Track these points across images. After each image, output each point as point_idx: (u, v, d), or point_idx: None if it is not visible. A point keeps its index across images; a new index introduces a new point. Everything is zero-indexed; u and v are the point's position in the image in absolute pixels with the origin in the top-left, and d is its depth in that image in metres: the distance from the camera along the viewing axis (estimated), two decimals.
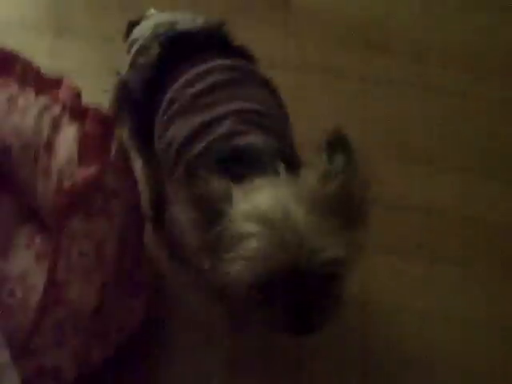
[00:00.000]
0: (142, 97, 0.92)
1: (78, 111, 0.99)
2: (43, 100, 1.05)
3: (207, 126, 0.84)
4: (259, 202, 0.72)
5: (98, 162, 0.89)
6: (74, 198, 0.87)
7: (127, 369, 1.00)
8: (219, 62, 0.89)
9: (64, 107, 1.01)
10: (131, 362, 1.02)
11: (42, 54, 1.16)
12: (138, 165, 1.05)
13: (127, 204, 0.93)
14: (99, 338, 0.92)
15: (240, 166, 0.77)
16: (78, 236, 0.88)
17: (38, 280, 0.94)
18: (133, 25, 1.02)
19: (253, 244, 0.70)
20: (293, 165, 0.76)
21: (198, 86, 0.87)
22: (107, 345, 0.95)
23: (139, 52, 0.95)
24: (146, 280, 0.98)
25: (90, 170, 0.88)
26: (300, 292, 0.73)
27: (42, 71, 1.09)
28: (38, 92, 1.07)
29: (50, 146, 0.99)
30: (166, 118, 0.89)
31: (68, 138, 0.97)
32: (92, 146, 0.91)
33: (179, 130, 0.86)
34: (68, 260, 0.87)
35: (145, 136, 0.93)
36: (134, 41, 0.97)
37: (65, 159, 0.95)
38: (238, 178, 0.75)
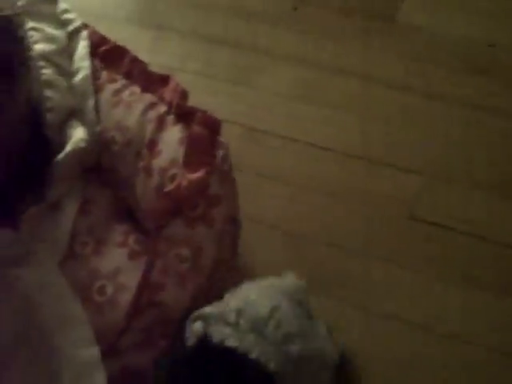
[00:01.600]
0: None
1: (183, 112, 1.05)
2: (148, 97, 1.12)
3: None
4: None
5: (204, 166, 0.96)
6: (177, 201, 0.94)
7: None
8: None
9: (169, 107, 1.08)
10: None
11: (143, 50, 1.23)
12: None
13: (227, 212, 1.00)
14: None
15: None
16: (176, 240, 0.94)
17: (130, 279, 1.00)
18: None
19: None
20: None
21: None
22: None
23: None
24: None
25: (195, 175, 0.94)
26: None
27: (149, 69, 1.15)
28: (144, 88, 1.15)
29: (153, 145, 1.06)
30: None
31: (172, 138, 1.04)
32: (198, 150, 0.98)
33: None
34: (164, 263, 0.94)
35: None
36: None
37: (168, 160, 1.02)
38: None
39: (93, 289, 1.02)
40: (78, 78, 1.21)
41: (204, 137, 1.00)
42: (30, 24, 1.16)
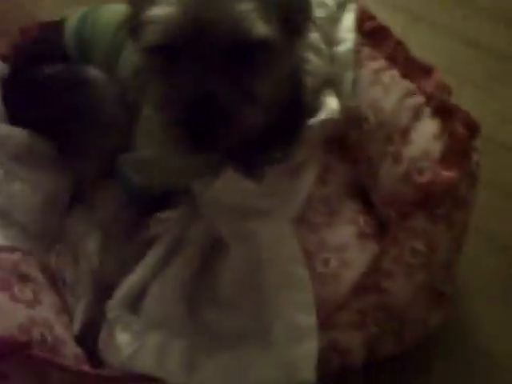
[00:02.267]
0: None
1: (443, 108, 1.06)
2: (407, 84, 1.14)
3: None
4: None
5: (459, 167, 0.97)
6: (427, 195, 0.97)
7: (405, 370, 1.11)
8: None
9: (429, 99, 1.09)
10: (408, 368, 1.12)
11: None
12: None
13: (467, 217, 1.02)
14: (394, 334, 1.03)
15: None
16: (415, 232, 0.97)
17: (355, 258, 1.05)
18: None
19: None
20: None
21: None
22: (398, 343, 1.05)
23: None
24: (450, 293, 1.06)
25: (449, 174, 0.97)
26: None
27: (413, 56, 1.16)
28: (404, 74, 1.16)
29: (406, 133, 1.08)
30: None
31: (427, 131, 1.06)
32: (456, 150, 1.00)
33: None
34: (399, 252, 0.97)
35: None
36: None
37: (419, 151, 1.04)
38: None
39: (317, 258, 1.07)
40: (341, 48, 1.25)
41: (464, 137, 1.00)
42: None
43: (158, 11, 0.86)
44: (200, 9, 0.84)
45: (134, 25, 0.97)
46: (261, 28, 0.85)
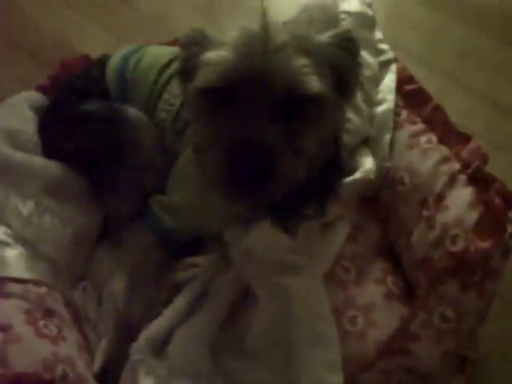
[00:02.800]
0: None
1: (479, 177, 1.10)
2: (444, 150, 1.18)
3: None
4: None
5: (494, 238, 1.00)
6: (459, 263, 1.01)
7: None
8: None
9: (464, 166, 1.13)
10: None
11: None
12: None
13: (497, 285, 1.05)
14: None
15: None
16: (445, 299, 0.99)
17: (382, 319, 1.08)
18: None
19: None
20: None
21: None
22: None
23: None
24: (473, 358, 1.09)
25: (484, 244, 1.00)
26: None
27: (451, 121, 1.20)
28: (441, 139, 1.21)
29: (440, 198, 1.11)
30: None
31: (462, 199, 1.09)
32: (491, 220, 1.03)
33: None
34: (428, 316, 0.99)
35: None
36: None
37: (453, 218, 1.08)
38: None
39: (345, 316, 1.10)
40: (381, 108, 1.30)
41: (500, 208, 1.02)
42: None
43: (215, 54, 0.91)
44: (256, 56, 0.88)
45: (184, 67, 1.01)
46: (315, 83, 0.89)
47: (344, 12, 1.35)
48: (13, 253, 1.15)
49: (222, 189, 0.89)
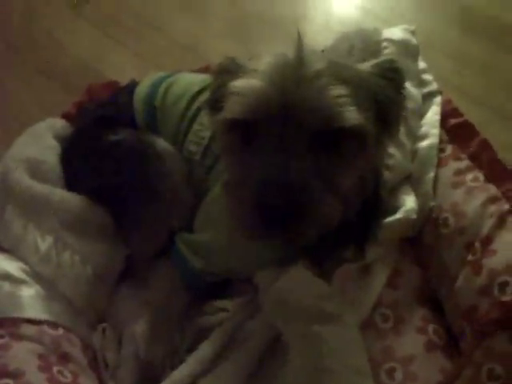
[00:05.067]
0: None
1: None
2: (492, 189, 1.14)
3: None
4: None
5: None
6: (509, 314, 0.97)
7: None
8: None
9: None
10: None
11: None
12: None
13: None
14: None
15: None
16: (495, 354, 0.95)
17: (423, 371, 1.04)
18: None
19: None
20: None
21: None
22: None
23: None
24: None
25: None
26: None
27: (499, 158, 1.17)
28: (488, 178, 1.17)
29: (487, 241, 1.07)
30: None
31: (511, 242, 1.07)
32: None
33: None
34: (474, 373, 0.95)
35: None
36: None
37: (502, 263, 1.03)
38: None
39: (382, 368, 1.06)
40: (424, 143, 1.27)
41: None
42: None
43: (245, 83, 0.88)
44: (289, 86, 0.84)
45: (214, 97, 0.99)
46: (353, 115, 0.84)
47: (386, 40, 1.33)
48: (28, 291, 1.13)
49: (250, 231, 0.85)
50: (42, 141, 1.35)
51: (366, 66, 0.92)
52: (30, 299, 1.11)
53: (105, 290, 1.26)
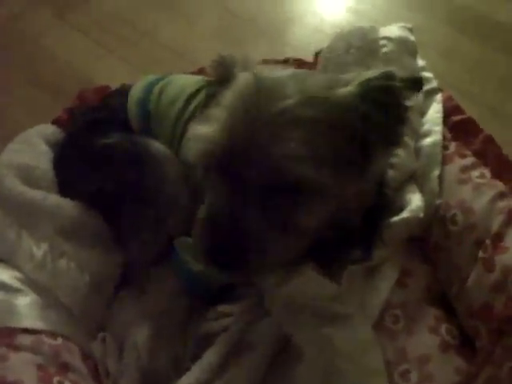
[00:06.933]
0: None
1: None
2: (500, 185, 1.12)
3: None
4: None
5: None
6: None
7: None
8: None
9: None
10: None
11: None
12: None
13: None
14: None
15: None
16: None
17: (439, 372, 1.01)
18: None
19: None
20: None
21: None
22: None
23: None
24: None
25: None
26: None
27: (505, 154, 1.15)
28: (495, 174, 1.15)
29: (498, 238, 1.05)
30: None
31: None
32: None
33: None
34: (494, 372, 0.93)
35: None
36: None
37: None
38: None
39: (396, 370, 1.03)
40: (427, 141, 1.24)
41: None
42: None
43: (197, 129, 0.89)
44: (240, 133, 0.84)
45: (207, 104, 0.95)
46: (302, 169, 0.81)
47: (384, 38, 1.31)
48: (24, 300, 1.08)
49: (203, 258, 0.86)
50: (33, 147, 1.31)
51: (347, 91, 0.89)
52: (25, 308, 1.07)
53: (103, 297, 1.21)
